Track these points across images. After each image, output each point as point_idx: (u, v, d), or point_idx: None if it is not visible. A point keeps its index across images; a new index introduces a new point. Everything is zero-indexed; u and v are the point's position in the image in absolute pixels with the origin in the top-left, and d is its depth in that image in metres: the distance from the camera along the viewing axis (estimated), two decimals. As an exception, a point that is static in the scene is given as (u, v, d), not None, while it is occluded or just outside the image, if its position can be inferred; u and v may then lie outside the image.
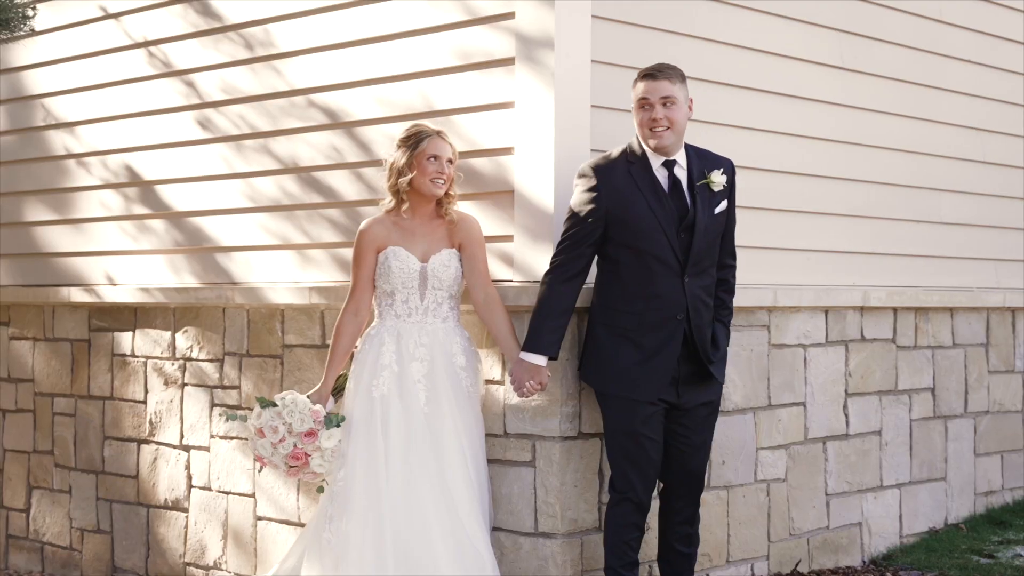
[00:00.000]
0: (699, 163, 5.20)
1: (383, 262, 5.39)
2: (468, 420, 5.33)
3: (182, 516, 6.83)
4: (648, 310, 5.10)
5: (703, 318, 5.17)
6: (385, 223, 5.45)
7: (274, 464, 5.33)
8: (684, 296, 5.09)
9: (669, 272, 5.09)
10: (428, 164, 5.35)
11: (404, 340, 5.35)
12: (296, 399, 5.30)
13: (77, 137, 7.48)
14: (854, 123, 6.75)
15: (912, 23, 7.05)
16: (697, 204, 5.12)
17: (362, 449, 5.27)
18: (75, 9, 7.46)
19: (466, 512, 5.18)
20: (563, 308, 5.16)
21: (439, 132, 5.43)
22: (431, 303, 5.39)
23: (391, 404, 5.29)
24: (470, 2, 5.65)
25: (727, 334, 5.32)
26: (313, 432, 5.25)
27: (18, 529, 7.81)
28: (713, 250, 5.21)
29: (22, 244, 7.82)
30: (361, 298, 5.45)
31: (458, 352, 5.38)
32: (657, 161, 5.14)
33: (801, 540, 6.40)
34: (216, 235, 6.73)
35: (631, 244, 5.10)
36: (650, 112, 5.09)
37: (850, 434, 6.69)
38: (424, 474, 5.21)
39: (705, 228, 5.12)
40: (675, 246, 5.08)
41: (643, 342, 5.11)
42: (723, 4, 6.09)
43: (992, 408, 7.66)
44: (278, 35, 6.42)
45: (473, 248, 5.42)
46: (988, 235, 7.65)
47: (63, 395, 7.55)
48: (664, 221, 5.07)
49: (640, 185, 5.10)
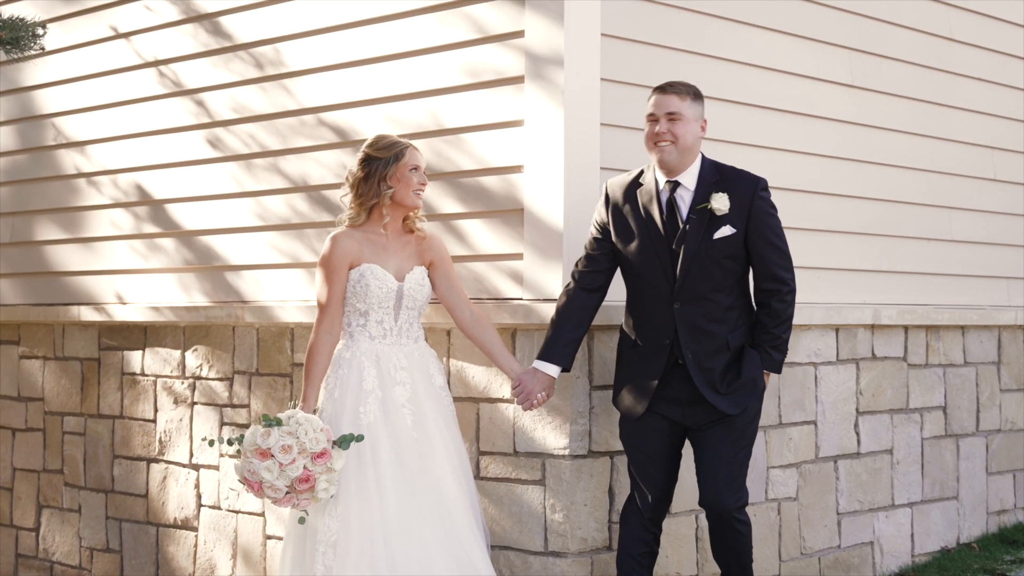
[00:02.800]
0: (714, 184, 5.01)
1: (358, 280, 5.16)
2: (457, 439, 5.24)
3: (191, 535, 6.82)
4: (641, 331, 5.11)
5: (702, 345, 5.01)
6: (355, 237, 5.21)
7: (274, 488, 4.93)
8: (673, 322, 5.01)
9: (659, 297, 5.03)
10: (412, 176, 5.21)
11: (384, 363, 5.15)
12: (308, 416, 4.98)
13: (87, 156, 7.49)
14: (864, 141, 6.75)
15: (922, 41, 7.05)
16: (690, 229, 4.98)
17: (353, 479, 5.02)
18: (86, 29, 7.48)
19: (465, 534, 5.07)
20: (579, 321, 5.14)
21: (411, 143, 5.29)
22: (404, 323, 5.23)
23: (378, 431, 5.08)
24: (480, 20, 5.66)
25: (760, 361, 5.07)
26: (326, 452, 4.94)
27: (28, 548, 7.81)
28: (714, 277, 5.00)
29: (32, 263, 7.83)
30: (336, 315, 5.18)
31: (435, 372, 5.27)
32: (662, 183, 5.05)
33: (812, 559, 6.37)
34: (226, 254, 6.73)
35: (628, 267, 5.12)
36: (654, 126, 5.03)
37: (861, 453, 6.67)
38: (417, 502, 5.03)
39: (695, 254, 4.96)
40: (667, 272, 5.01)
41: (634, 362, 5.13)
42: (733, 22, 6.09)
43: (1004, 426, 7.63)
44: (288, 54, 6.44)
45: (447, 267, 5.33)
46: (999, 253, 7.63)
47: (73, 414, 7.55)
48: (658, 246, 5.01)
49: (640, 210, 5.06)
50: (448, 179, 5.75)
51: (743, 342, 5.07)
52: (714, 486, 5.06)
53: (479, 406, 5.61)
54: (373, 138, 5.32)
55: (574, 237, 5.39)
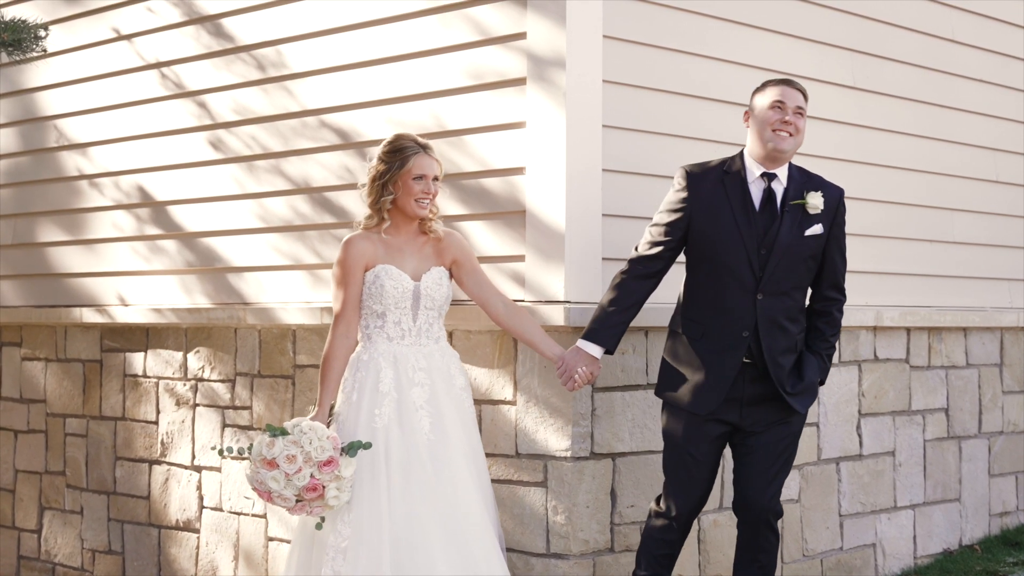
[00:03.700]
0: (801, 183, 5.07)
1: (373, 281, 5.06)
2: (475, 444, 5.14)
3: (193, 537, 6.82)
4: (713, 323, 4.99)
5: (777, 341, 4.99)
6: (371, 239, 5.11)
7: (283, 498, 4.88)
8: (754, 314, 4.97)
9: (742, 288, 4.97)
10: (414, 184, 5.05)
11: (401, 365, 5.05)
12: (313, 425, 4.89)
13: (89, 158, 7.50)
14: (866, 142, 6.74)
15: (924, 43, 7.05)
16: (784, 222, 5.00)
17: (367, 485, 4.94)
18: (88, 30, 7.49)
19: (480, 538, 4.93)
20: (631, 304, 5.05)
21: (426, 147, 5.11)
22: (423, 324, 5.10)
23: (392, 434, 4.98)
24: (482, 22, 5.66)
25: (820, 367, 5.09)
26: (332, 460, 4.83)
27: (30, 550, 7.81)
28: (798, 272, 5.03)
29: (34, 265, 7.84)
30: (352, 319, 5.08)
31: (456, 373, 5.15)
32: (756, 173, 5.04)
33: (815, 561, 6.37)
34: (228, 255, 6.73)
35: (709, 255, 5.01)
36: (782, 114, 5.00)
37: (864, 455, 6.67)
38: (429, 506, 4.91)
39: (787, 247, 4.98)
40: (753, 262, 4.97)
41: (704, 355, 4.99)
42: (735, 24, 6.09)
43: (1006, 428, 7.63)
44: (290, 56, 6.44)
45: (471, 263, 5.22)
46: (1001, 254, 7.62)
47: (75, 416, 7.55)
48: (747, 235, 4.97)
49: (730, 196, 5.01)
50: (450, 181, 5.74)
51: (802, 346, 5.10)
52: (764, 489, 5.03)
53: (481, 408, 5.60)
54: (388, 139, 5.18)
55: (576, 239, 5.39)
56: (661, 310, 5.42)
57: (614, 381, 5.50)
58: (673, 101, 5.84)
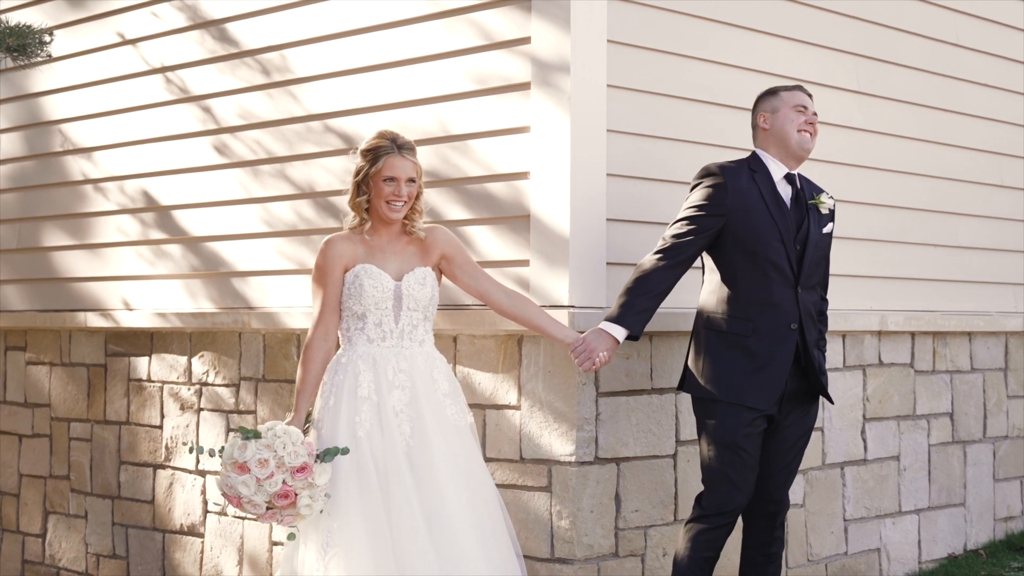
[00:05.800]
0: (807, 186, 5.28)
1: (352, 281, 4.93)
2: (456, 449, 4.91)
3: (198, 541, 6.82)
4: (762, 318, 5.03)
5: (812, 334, 5.13)
6: (351, 239, 5.00)
7: (253, 504, 4.68)
8: (797, 306, 5.06)
9: (784, 281, 5.06)
10: (384, 186, 4.91)
11: (381, 367, 4.90)
12: (288, 429, 4.71)
13: (94, 162, 7.50)
14: (870, 146, 6.74)
15: (928, 47, 7.04)
16: (811, 219, 5.16)
17: (354, 489, 4.79)
18: (92, 35, 7.50)
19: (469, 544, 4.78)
20: (660, 291, 5.05)
21: (402, 147, 4.96)
22: (406, 325, 4.96)
23: (375, 441, 4.83)
24: (486, 27, 5.66)
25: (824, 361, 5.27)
26: (306, 467, 4.66)
27: (34, 554, 7.81)
28: (821, 268, 5.23)
29: (39, 269, 7.84)
30: (331, 320, 4.94)
31: (440, 378, 4.98)
32: (779, 173, 5.18)
33: (819, 566, 6.36)
34: (232, 260, 6.74)
35: (750, 249, 5.04)
36: (809, 117, 5.21)
37: (868, 459, 6.66)
38: (409, 513, 4.76)
39: (816, 243, 5.15)
40: (791, 256, 5.07)
41: (756, 350, 5.01)
42: (739, 28, 6.09)
43: (1011, 433, 7.62)
44: (295, 61, 6.45)
45: (461, 256, 5.09)
46: (1006, 259, 7.62)
47: (79, 420, 7.56)
48: (784, 230, 5.07)
49: (763, 192, 5.11)
50: (454, 185, 5.75)
51: None
52: (786, 481, 5.20)
53: (485, 412, 5.60)
54: (370, 135, 5.08)
55: (581, 243, 5.39)
56: (663, 315, 5.42)
57: (619, 386, 5.49)
58: (677, 105, 5.84)
